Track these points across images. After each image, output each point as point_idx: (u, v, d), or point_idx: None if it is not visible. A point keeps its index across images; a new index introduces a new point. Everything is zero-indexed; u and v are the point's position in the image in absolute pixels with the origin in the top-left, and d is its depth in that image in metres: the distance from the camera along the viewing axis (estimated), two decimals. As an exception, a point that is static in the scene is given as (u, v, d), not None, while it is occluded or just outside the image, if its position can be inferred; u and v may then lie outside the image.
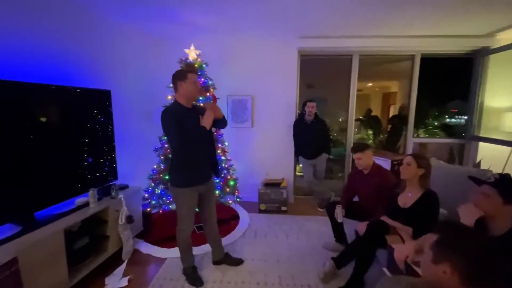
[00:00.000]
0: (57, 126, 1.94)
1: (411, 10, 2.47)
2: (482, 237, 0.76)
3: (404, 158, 1.94)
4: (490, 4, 2.33)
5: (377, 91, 8.38)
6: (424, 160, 1.86)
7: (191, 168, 1.88)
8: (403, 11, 2.50)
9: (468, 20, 2.75)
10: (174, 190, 1.92)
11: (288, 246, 2.59)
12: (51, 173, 1.89)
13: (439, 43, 3.28)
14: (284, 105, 3.63)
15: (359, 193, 2.44)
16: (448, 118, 7.24)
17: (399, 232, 1.86)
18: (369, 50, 3.49)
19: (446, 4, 2.34)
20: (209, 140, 2.03)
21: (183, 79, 1.84)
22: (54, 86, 1.93)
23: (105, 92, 2.43)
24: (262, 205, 3.43)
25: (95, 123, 2.31)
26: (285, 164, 3.74)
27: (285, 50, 3.48)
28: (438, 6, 2.39)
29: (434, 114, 6.10)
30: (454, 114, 7.24)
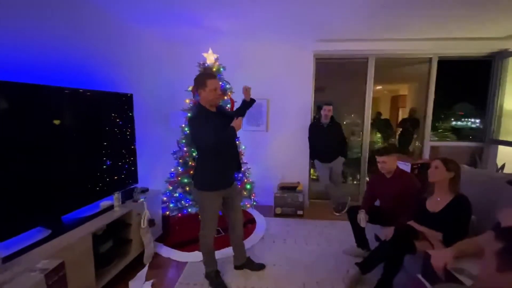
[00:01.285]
0: (81, 129, 1.95)
1: (430, 12, 2.46)
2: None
3: (432, 162, 1.91)
4: (509, 7, 2.31)
5: (385, 94, 8.36)
6: (453, 164, 1.83)
7: (218, 171, 1.89)
8: (422, 13, 2.49)
9: (486, 23, 2.73)
10: (199, 193, 1.92)
11: (308, 252, 2.56)
12: (76, 176, 1.90)
13: (457, 46, 3.26)
14: (299, 109, 3.62)
15: (381, 197, 2.40)
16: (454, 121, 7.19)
17: (428, 237, 1.83)
18: (386, 53, 3.47)
19: (465, 7, 2.32)
20: (235, 144, 2.05)
21: (203, 87, 1.84)
22: (81, 90, 1.95)
23: (128, 96, 2.44)
24: (278, 209, 3.40)
25: (117, 127, 2.32)
26: (300, 168, 3.72)
27: (301, 54, 3.48)
28: (456, 9, 2.37)
29: (441, 117, 6.06)
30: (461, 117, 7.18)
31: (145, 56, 3.20)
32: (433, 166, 1.87)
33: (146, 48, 3.21)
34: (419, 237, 1.87)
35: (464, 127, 6.93)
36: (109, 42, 2.59)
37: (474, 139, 3.78)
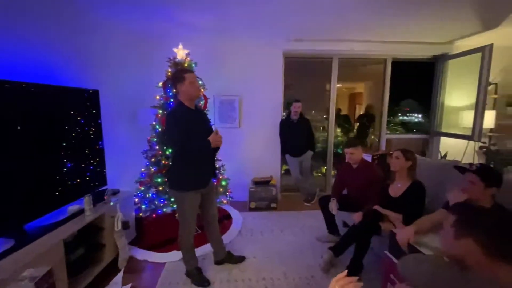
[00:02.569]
0: (37, 128, 1.75)
1: (387, 17, 2.74)
2: (500, 213, 0.92)
3: (393, 153, 2.16)
4: (448, 18, 2.69)
5: (344, 92, 8.98)
6: (411, 153, 2.09)
7: (196, 171, 1.87)
8: (380, 18, 2.76)
9: (431, 30, 3.13)
10: (177, 194, 1.89)
11: (285, 242, 2.68)
12: (34, 181, 1.72)
13: (408, 49, 3.66)
14: (270, 105, 3.73)
15: (349, 186, 2.62)
16: (401, 116, 8.07)
17: (391, 219, 2.07)
18: (348, 54, 3.74)
19: (415, 14, 2.64)
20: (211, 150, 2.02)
21: (181, 81, 1.82)
22: (36, 85, 1.76)
23: (92, 92, 2.26)
24: (252, 203, 3.48)
25: (80, 126, 2.14)
26: (272, 163, 3.84)
27: (271, 52, 3.57)
28: (409, 16, 2.68)
29: (391, 113, 6.73)
30: (407, 112, 8.09)
31: (113, 51, 3.00)
32: (394, 156, 2.12)
33: (113, 42, 3.00)
34: (383, 219, 2.11)
35: (410, 122, 7.82)
36: (72, 34, 2.38)
37: (420, 132, 4.30)
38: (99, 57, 2.81)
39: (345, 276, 0.67)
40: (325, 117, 4.23)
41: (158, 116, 2.77)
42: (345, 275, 0.67)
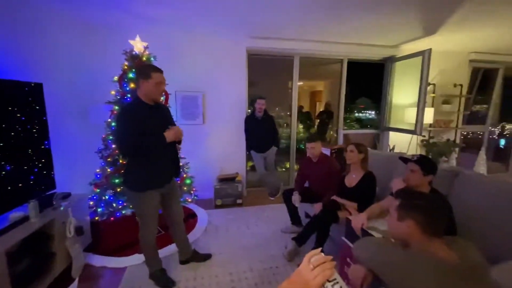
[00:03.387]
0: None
1: (342, 20, 2.92)
2: (432, 196, 1.06)
3: (348, 147, 2.34)
4: (397, 22, 2.98)
5: (306, 90, 9.37)
6: (363, 147, 2.29)
7: (152, 170, 1.77)
8: (336, 20, 2.93)
9: (382, 33, 3.42)
10: (133, 194, 1.80)
11: (251, 236, 2.74)
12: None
13: (361, 50, 3.95)
14: (234, 102, 3.73)
15: (310, 179, 2.77)
16: (357, 113, 8.75)
17: (347, 207, 2.25)
18: (308, 53, 3.91)
19: (367, 18, 2.87)
20: (172, 147, 1.94)
21: (146, 78, 1.72)
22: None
23: (36, 85, 2.03)
24: (218, 201, 3.47)
25: (24, 123, 1.91)
26: (237, 159, 3.86)
27: (235, 48, 3.57)
28: (361, 19, 2.90)
29: (347, 110, 7.25)
30: (361, 110, 8.79)
31: (61, 41, 2.71)
32: (349, 150, 2.30)
33: (62, 31, 2.71)
34: (340, 208, 2.28)
35: (365, 118, 8.50)
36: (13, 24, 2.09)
37: (373, 127, 4.70)
38: (45, 48, 2.52)
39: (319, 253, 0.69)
40: (289, 114, 4.37)
41: (114, 112, 2.59)
42: (319, 252, 0.70)
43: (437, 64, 4.03)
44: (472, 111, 5.03)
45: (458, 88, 4.36)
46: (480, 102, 5.15)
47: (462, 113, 4.51)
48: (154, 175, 1.80)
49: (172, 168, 1.98)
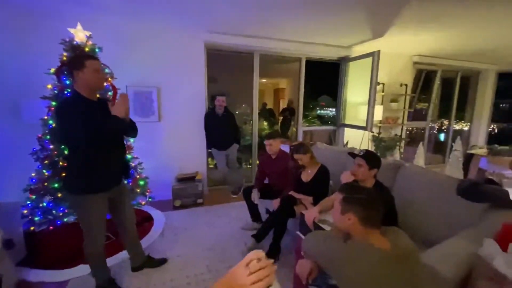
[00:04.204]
0: None
1: (299, 19, 2.97)
2: (371, 191, 1.12)
3: (295, 156, 2.40)
4: (350, 24, 3.13)
5: (269, 87, 9.48)
6: (305, 147, 2.36)
7: (99, 170, 1.62)
8: (293, 19, 2.98)
9: (337, 34, 3.58)
10: (76, 199, 1.62)
11: (211, 236, 2.68)
12: None
13: (318, 50, 4.09)
14: (193, 98, 3.60)
15: (270, 175, 2.79)
16: (319, 110, 9.15)
17: (303, 202, 2.31)
18: (267, 50, 3.92)
19: (322, 18, 2.96)
20: (120, 138, 1.79)
21: (79, 68, 1.54)
22: None
23: None
24: (177, 201, 3.33)
25: None
26: (197, 157, 3.75)
27: (192, 42, 3.43)
28: (317, 19, 2.99)
29: (310, 107, 7.55)
30: (323, 107, 9.22)
31: None
32: (298, 159, 2.37)
33: None
34: (297, 203, 2.34)
35: (325, 115, 8.90)
36: None
37: (332, 124, 4.92)
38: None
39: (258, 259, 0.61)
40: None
41: (52, 108, 2.31)
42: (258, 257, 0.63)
43: (386, 65, 4.35)
44: (415, 109, 5.55)
45: (403, 87, 4.76)
46: (423, 100, 5.71)
47: (407, 111, 4.95)
48: (99, 177, 1.63)
49: (121, 169, 1.83)
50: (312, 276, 1.11)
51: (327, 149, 3.06)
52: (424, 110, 5.68)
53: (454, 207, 1.71)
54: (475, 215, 1.63)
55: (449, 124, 5.89)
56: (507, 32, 3.26)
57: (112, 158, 1.71)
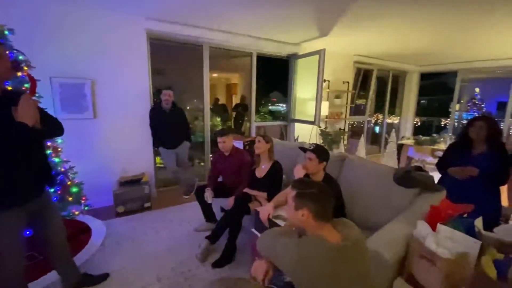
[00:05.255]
0: None
1: (248, 12, 2.91)
2: (322, 185, 1.13)
3: (255, 138, 2.38)
4: (297, 21, 3.20)
5: (222, 82, 9.29)
6: (267, 137, 2.37)
7: (10, 181, 1.31)
8: (242, 12, 2.90)
9: (286, 31, 3.63)
10: None
11: (161, 241, 2.47)
12: None
13: (269, 46, 4.11)
14: (135, 92, 3.26)
15: (223, 173, 2.70)
16: (270, 106, 9.37)
17: (258, 198, 2.30)
18: (217, 43, 3.78)
19: (272, 14, 2.96)
20: (35, 141, 1.45)
21: None
22: None
23: None
24: (120, 208, 3.00)
25: None
26: (143, 157, 3.43)
27: (132, 29, 3.08)
28: (266, 14, 2.97)
29: (262, 102, 7.67)
30: (274, 103, 9.47)
31: None
32: (257, 141, 2.34)
33: None
34: (252, 200, 2.31)
35: (277, 110, 9.14)
36: None
37: (283, 119, 5.05)
38: None
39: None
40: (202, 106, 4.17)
41: None
42: None
43: (330, 63, 4.61)
44: (356, 104, 6.08)
45: (346, 85, 5.15)
46: (362, 97, 6.28)
47: (349, 106, 5.37)
48: (11, 189, 1.32)
49: (42, 177, 1.52)
50: (269, 277, 1.08)
51: (279, 144, 3.10)
52: (363, 105, 6.26)
53: (391, 193, 1.88)
54: (409, 200, 1.82)
55: (383, 118, 6.61)
56: (425, 37, 3.74)
57: (28, 165, 1.38)
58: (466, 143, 2.06)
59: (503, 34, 3.41)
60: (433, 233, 1.30)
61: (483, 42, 3.85)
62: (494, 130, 1.93)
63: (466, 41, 3.87)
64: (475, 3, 2.46)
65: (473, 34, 3.48)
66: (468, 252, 1.21)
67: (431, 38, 3.76)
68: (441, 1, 2.45)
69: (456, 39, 3.74)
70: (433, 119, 7.99)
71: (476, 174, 1.90)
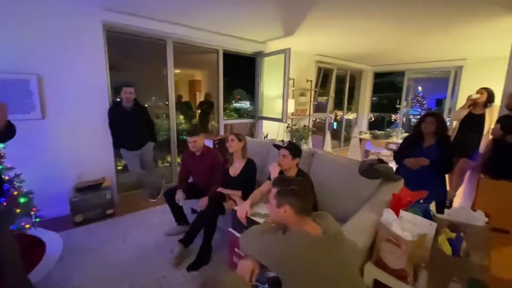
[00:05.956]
0: None
1: (215, 9, 2.85)
2: (302, 180, 1.17)
3: (228, 136, 2.36)
4: (263, 19, 3.23)
5: (184, 78, 8.95)
6: (241, 135, 2.37)
7: None
8: (208, 7, 2.82)
9: (252, 28, 3.63)
10: None
11: (130, 250, 2.32)
12: None
13: (235, 43, 4.08)
14: (91, 89, 2.96)
15: (194, 173, 2.63)
16: (234, 103, 9.35)
17: (233, 197, 2.29)
18: (181, 39, 3.63)
19: (237, 10, 2.93)
20: None
21: None
22: None
23: None
24: (78, 217, 2.72)
25: None
26: (102, 161, 3.14)
27: (86, 21, 2.79)
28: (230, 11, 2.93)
29: (226, 100, 7.62)
30: (238, 100, 9.47)
31: None
32: (230, 139, 2.32)
33: None
34: (226, 199, 2.29)
35: (241, 108, 9.14)
36: None
37: (249, 117, 5.07)
38: None
39: None
40: (167, 103, 3.98)
41: None
42: None
43: (295, 62, 4.74)
44: (318, 102, 6.37)
45: (309, 83, 5.36)
46: (323, 94, 6.61)
47: (313, 104, 5.62)
48: None
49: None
50: (255, 274, 1.09)
51: (250, 142, 3.11)
52: (324, 103, 6.60)
53: (358, 185, 2.03)
54: (372, 190, 1.98)
55: (343, 115, 7.05)
56: (379, 40, 4.08)
57: None
58: (419, 136, 2.31)
59: (441, 39, 3.87)
60: (397, 219, 1.44)
61: (425, 45, 4.33)
62: (442, 125, 2.20)
63: (412, 44, 4.31)
64: (420, 11, 2.75)
65: (418, 38, 3.89)
66: (427, 233, 1.37)
67: (384, 41, 4.11)
68: (391, 8, 2.70)
69: (404, 41, 4.14)
70: (385, 114, 8.80)
71: (427, 164, 2.16)
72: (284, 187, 1.14)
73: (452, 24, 3.17)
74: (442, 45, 4.25)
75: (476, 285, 1.22)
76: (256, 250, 1.12)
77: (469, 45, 4.18)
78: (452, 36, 3.67)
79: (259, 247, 1.11)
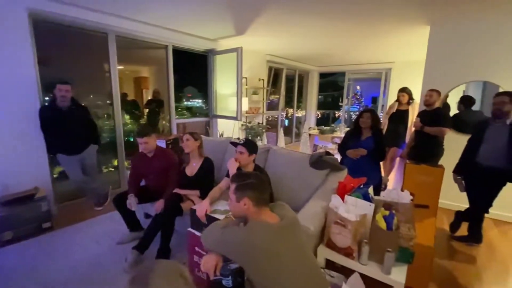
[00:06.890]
0: None
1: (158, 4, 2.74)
2: (257, 174, 1.24)
3: (183, 136, 2.31)
4: (214, 19, 3.22)
5: (127, 75, 8.29)
6: (197, 134, 2.34)
7: None
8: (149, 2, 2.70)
9: (202, 25, 3.58)
10: None
11: (76, 264, 2.09)
12: None
13: (185, 39, 3.96)
14: (16, 87, 2.55)
15: (147, 176, 2.49)
16: (185, 101, 9.06)
17: (190, 197, 2.25)
18: (125, 32, 3.37)
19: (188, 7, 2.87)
20: None
21: None
22: None
23: None
24: (6, 234, 2.34)
25: None
26: (34, 168, 2.74)
27: (7, 9, 2.39)
28: (182, 8, 2.86)
29: (176, 98, 7.33)
30: (189, 98, 9.21)
31: None
32: (185, 139, 2.27)
33: None
34: (183, 200, 2.24)
35: (193, 106, 8.90)
36: None
37: (202, 115, 4.99)
38: None
39: None
40: (109, 102, 3.66)
41: None
42: None
43: (247, 61, 4.84)
44: (270, 100, 6.61)
45: (261, 82, 5.52)
46: (274, 93, 6.88)
47: (265, 102, 5.80)
48: None
49: None
50: (218, 268, 1.12)
51: (206, 140, 3.08)
52: (276, 101, 6.88)
53: (308, 175, 2.21)
54: (321, 179, 2.18)
55: (293, 112, 7.44)
56: (322, 43, 4.44)
57: None
58: (358, 130, 2.62)
59: (375, 43, 4.40)
60: (343, 203, 1.63)
61: (362, 49, 4.87)
62: (376, 120, 2.53)
63: (350, 47, 4.79)
64: (357, 16, 3.08)
65: (355, 42, 4.35)
66: (367, 213, 1.58)
67: (325, 43, 4.47)
68: (332, 14, 2.97)
69: (342, 44, 4.58)
70: (329, 111, 9.58)
71: (365, 154, 2.46)
72: (242, 182, 1.19)
73: (380, 32, 3.65)
74: (375, 49, 4.83)
75: (405, 252, 1.47)
76: (219, 243, 1.15)
77: (395, 50, 4.84)
78: (381, 42, 4.21)
79: (222, 240, 1.14)
